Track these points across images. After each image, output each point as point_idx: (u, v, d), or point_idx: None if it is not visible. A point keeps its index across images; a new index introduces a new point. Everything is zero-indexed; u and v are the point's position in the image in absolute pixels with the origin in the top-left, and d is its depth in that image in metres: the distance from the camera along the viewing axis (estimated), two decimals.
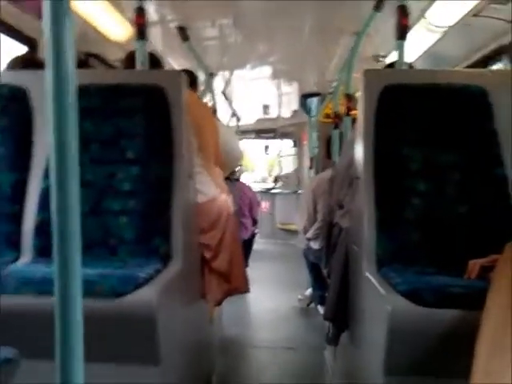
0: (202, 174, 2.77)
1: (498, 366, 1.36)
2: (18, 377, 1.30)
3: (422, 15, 3.86)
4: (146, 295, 1.82)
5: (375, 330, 1.96)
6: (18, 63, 2.83)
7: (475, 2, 3.42)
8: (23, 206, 2.34)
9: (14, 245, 2.29)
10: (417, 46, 4.24)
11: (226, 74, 6.74)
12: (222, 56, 5.76)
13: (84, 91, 2.24)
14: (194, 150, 2.66)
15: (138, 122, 2.38)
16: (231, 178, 6.21)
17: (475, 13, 3.53)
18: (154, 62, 2.89)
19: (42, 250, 2.23)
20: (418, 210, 2.25)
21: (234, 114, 9.04)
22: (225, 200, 2.94)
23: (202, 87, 5.58)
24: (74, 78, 1.05)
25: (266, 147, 13.56)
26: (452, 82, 2.47)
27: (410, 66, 3.10)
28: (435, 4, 3.67)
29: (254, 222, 7.11)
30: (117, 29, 4.16)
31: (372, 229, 2.24)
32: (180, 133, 2.40)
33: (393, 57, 2.86)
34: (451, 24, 3.85)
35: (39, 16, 1.04)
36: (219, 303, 3.02)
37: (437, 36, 4.15)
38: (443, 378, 1.75)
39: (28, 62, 2.79)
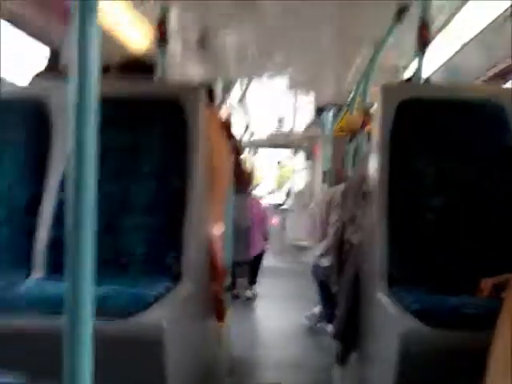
0: None
1: None
2: None
3: (442, 27, 3.83)
4: (155, 316, 1.80)
5: (386, 350, 1.94)
6: (42, 74, 2.82)
7: (495, 16, 3.38)
8: (38, 220, 2.32)
9: (27, 260, 2.27)
10: (436, 58, 4.21)
11: (243, 85, 6.75)
12: (239, 65, 5.78)
13: (102, 102, 2.23)
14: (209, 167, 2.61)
15: (155, 135, 2.38)
16: (245, 193, 6.18)
17: (495, 26, 3.48)
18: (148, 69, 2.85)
19: (55, 266, 2.20)
20: (431, 227, 2.24)
21: (247, 128, 9.04)
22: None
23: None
24: (97, 88, 1.05)
25: (279, 162, 13.59)
26: (469, 97, 2.47)
27: (427, 80, 3.06)
28: (456, 17, 3.64)
29: (265, 238, 7.07)
30: (140, 38, 4.17)
31: (384, 246, 2.22)
32: (196, 148, 2.38)
33: (412, 68, 2.83)
34: (471, 37, 3.82)
35: (65, 23, 1.04)
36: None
37: (456, 49, 4.14)
38: None
39: (51, 73, 2.77)
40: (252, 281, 6.79)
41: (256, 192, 13.62)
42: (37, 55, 3.49)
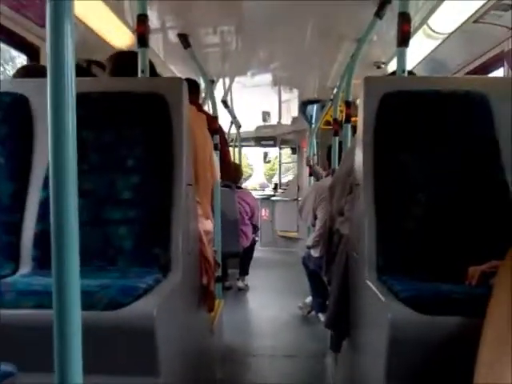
0: None
1: (500, 373, 1.35)
2: None
3: (423, 22, 3.87)
4: (145, 307, 1.78)
5: (376, 337, 1.95)
6: (22, 72, 2.82)
7: (476, 9, 3.43)
8: (22, 216, 2.31)
9: (13, 256, 2.26)
10: (417, 52, 4.25)
11: (227, 81, 6.76)
12: (222, 63, 5.79)
13: (84, 99, 2.22)
14: (193, 159, 2.64)
15: (138, 130, 2.36)
16: (232, 186, 6.23)
17: (476, 19, 3.53)
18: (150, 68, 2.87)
19: (42, 262, 2.21)
20: (418, 217, 2.24)
21: (233, 122, 9.06)
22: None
23: (202, 94, 5.59)
24: (74, 86, 1.05)
25: (266, 154, 13.59)
26: (453, 89, 2.46)
27: (411, 72, 3.09)
28: (437, 11, 3.67)
29: (255, 229, 7.12)
30: (119, 36, 4.18)
31: (372, 236, 2.23)
32: (180, 141, 2.37)
33: (394, 63, 2.85)
34: (452, 30, 3.86)
35: (42, 24, 1.06)
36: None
37: (437, 42, 4.17)
38: None
39: (32, 71, 2.78)
40: (243, 272, 6.85)
41: (247, 185, 13.64)
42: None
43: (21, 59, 3.41)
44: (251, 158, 14.68)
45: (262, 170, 13.98)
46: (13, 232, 2.30)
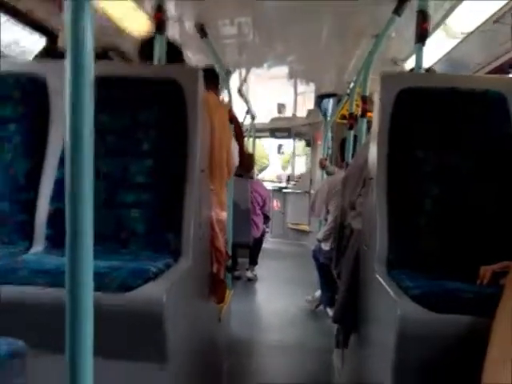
0: None
1: (508, 373, 1.35)
2: (27, 369, 1.30)
3: (442, 20, 3.85)
4: (155, 290, 1.79)
5: (384, 333, 1.95)
6: (41, 54, 2.85)
7: (496, 9, 3.40)
8: (37, 195, 2.34)
9: (27, 234, 2.29)
10: (436, 50, 4.23)
11: (243, 71, 6.75)
12: (239, 54, 5.78)
13: (102, 82, 2.27)
14: (207, 146, 2.65)
15: (153, 115, 2.37)
16: (245, 176, 6.23)
17: (496, 19, 3.51)
18: (175, 52, 2.89)
19: (55, 240, 2.23)
20: (431, 213, 2.24)
21: (248, 112, 9.06)
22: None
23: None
24: (92, 68, 1.06)
25: (280, 146, 13.57)
26: (470, 87, 2.45)
27: (430, 69, 3.08)
28: (456, 9, 3.66)
29: (266, 220, 7.13)
30: (136, 23, 4.17)
31: (384, 231, 2.23)
32: (195, 128, 2.38)
33: (412, 61, 2.85)
34: (472, 30, 3.84)
35: (60, 8, 1.07)
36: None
37: (456, 41, 4.14)
38: None
39: (50, 52, 2.81)
40: (253, 262, 6.86)
41: (264, 175, 13.61)
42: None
43: (27, 41, 3.41)
44: (268, 149, 14.57)
45: (279, 161, 13.80)
46: (27, 210, 2.32)
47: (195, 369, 2.41)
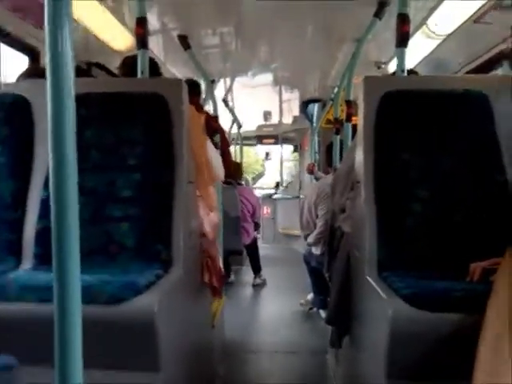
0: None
1: (499, 369, 1.36)
2: (18, 383, 1.31)
3: (422, 22, 3.88)
4: (146, 301, 1.80)
5: (377, 333, 1.97)
6: (24, 74, 2.85)
7: (476, 9, 3.45)
8: (24, 213, 2.34)
9: (15, 252, 2.29)
10: (417, 52, 4.27)
11: (227, 81, 6.77)
12: (223, 63, 5.81)
13: (85, 99, 2.25)
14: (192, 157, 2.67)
15: (138, 129, 2.38)
16: (234, 184, 6.25)
17: (476, 19, 3.55)
18: (152, 65, 2.91)
19: (43, 258, 2.22)
20: (419, 214, 2.26)
21: (235, 121, 9.08)
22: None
23: (203, 95, 5.62)
24: (73, 86, 1.07)
25: (267, 154, 13.59)
26: (452, 88, 2.47)
27: (412, 71, 3.11)
28: (436, 11, 3.70)
29: (256, 226, 7.15)
30: (118, 38, 4.20)
31: (373, 233, 2.25)
32: (180, 140, 2.40)
33: (394, 63, 2.87)
34: (452, 31, 3.88)
35: (40, 26, 1.09)
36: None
37: (437, 42, 4.18)
38: (445, 382, 1.75)
39: (33, 73, 2.82)
40: (256, 269, 6.85)
41: (262, 183, 13.58)
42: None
43: None
44: (262, 155, 14.44)
45: (277, 168, 13.58)
46: (14, 229, 2.33)
47: (189, 377, 2.41)
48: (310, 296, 5.25)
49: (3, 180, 2.36)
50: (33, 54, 3.52)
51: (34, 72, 2.87)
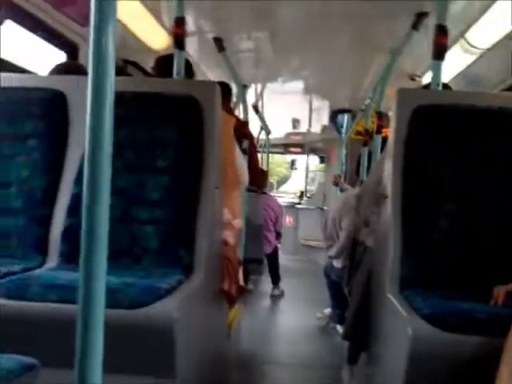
0: None
1: None
2: None
3: (460, 36, 3.82)
4: (166, 307, 1.80)
5: (395, 352, 1.94)
6: (61, 70, 2.85)
7: None
8: (53, 210, 2.35)
9: (42, 249, 2.30)
10: (453, 66, 4.20)
11: (258, 86, 6.77)
12: (255, 68, 5.80)
13: (120, 98, 2.27)
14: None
15: (170, 131, 2.38)
16: (257, 191, 6.22)
17: None
18: (186, 67, 2.90)
19: (68, 256, 2.23)
20: (446, 232, 2.23)
21: (263, 127, 9.06)
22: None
23: (234, 99, 5.61)
24: (114, 85, 1.08)
25: (293, 162, 13.54)
26: (486, 104, 2.45)
27: (446, 85, 3.06)
28: (474, 25, 3.63)
29: (278, 236, 7.10)
30: (155, 37, 4.22)
31: (397, 249, 2.22)
32: (211, 144, 2.40)
33: (429, 76, 2.82)
34: (490, 46, 3.81)
35: (82, 23, 1.07)
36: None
37: (474, 57, 4.12)
38: None
39: (70, 69, 2.82)
40: (275, 280, 6.79)
41: (287, 189, 13.51)
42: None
43: None
44: (289, 159, 14.40)
45: (302, 175, 13.46)
46: (43, 225, 2.33)
47: None
48: (328, 310, 5.19)
49: (36, 176, 2.38)
50: (70, 50, 3.53)
51: (72, 68, 2.87)
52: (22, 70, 3.09)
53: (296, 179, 15.41)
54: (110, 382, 1.19)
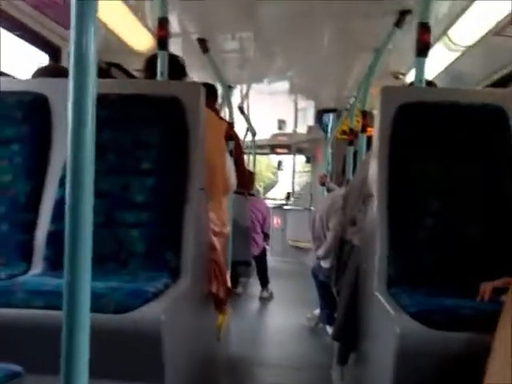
0: None
1: None
2: None
3: (443, 33, 3.84)
4: (153, 311, 1.79)
5: (383, 350, 1.94)
6: (43, 72, 2.83)
7: (497, 21, 3.40)
8: (37, 215, 2.33)
9: (26, 255, 2.28)
10: (436, 63, 4.22)
11: (243, 87, 6.76)
12: (240, 69, 5.81)
13: (103, 100, 2.25)
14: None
15: (154, 132, 2.37)
16: (244, 193, 6.21)
17: (496, 32, 3.50)
18: (179, 67, 2.89)
19: (53, 262, 2.21)
20: (431, 229, 2.24)
21: (249, 129, 9.06)
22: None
23: (219, 100, 5.60)
24: (95, 86, 1.07)
25: (280, 163, 13.56)
26: (470, 101, 2.46)
27: (431, 82, 3.06)
28: (457, 22, 3.65)
29: (266, 237, 7.09)
30: (138, 39, 4.21)
31: (384, 248, 2.22)
32: (196, 146, 2.39)
33: (412, 74, 2.83)
34: (472, 43, 3.84)
35: (64, 25, 1.06)
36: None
37: (457, 54, 4.14)
38: None
39: (53, 72, 2.79)
40: (264, 282, 6.77)
41: (275, 195, 13.54)
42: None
43: None
44: (275, 163, 14.38)
45: (289, 179, 13.40)
46: (27, 231, 2.31)
47: None
48: (317, 311, 5.18)
49: (19, 181, 2.35)
50: (53, 52, 3.52)
51: (55, 70, 2.84)
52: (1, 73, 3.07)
53: (283, 183, 15.37)
54: None
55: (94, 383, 1.14)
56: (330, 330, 4.48)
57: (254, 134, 9.55)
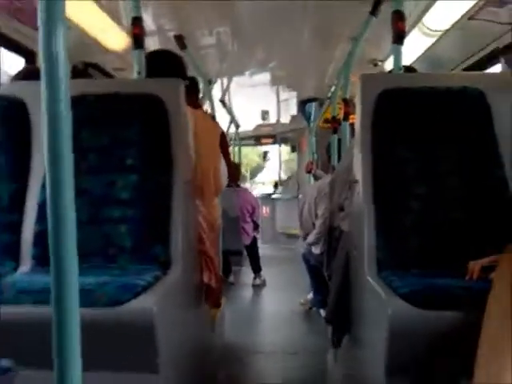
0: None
1: (499, 367, 1.37)
2: None
3: (418, 19, 3.88)
4: (145, 303, 1.80)
5: (376, 332, 1.97)
6: (20, 76, 2.84)
7: (470, 5, 3.45)
8: (22, 216, 2.34)
9: (13, 254, 2.29)
10: (413, 49, 4.26)
11: (225, 81, 6.77)
12: (220, 63, 5.80)
13: (81, 100, 2.24)
14: (193, 157, 2.66)
15: (135, 130, 2.38)
16: (232, 185, 6.24)
17: (471, 16, 3.55)
18: (182, 67, 2.91)
19: (41, 260, 2.21)
20: (417, 212, 2.25)
21: (232, 121, 9.07)
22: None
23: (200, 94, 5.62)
24: (68, 87, 1.06)
25: (265, 153, 13.57)
26: (449, 85, 2.47)
27: (411, 68, 3.10)
28: (431, 8, 3.69)
29: (256, 227, 7.15)
30: (113, 38, 4.19)
31: (371, 232, 2.24)
32: (178, 140, 2.40)
33: (391, 61, 2.86)
34: (447, 27, 3.88)
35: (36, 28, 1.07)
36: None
37: (433, 39, 4.18)
38: (444, 380, 1.76)
39: (30, 74, 2.80)
40: (256, 270, 6.84)
41: (264, 180, 13.46)
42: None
43: None
44: (264, 148, 14.28)
45: (276, 165, 13.21)
46: (13, 231, 2.32)
47: (188, 378, 2.40)
48: (310, 295, 5.23)
49: (3, 183, 2.35)
50: (28, 56, 3.52)
51: (31, 73, 2.85)
52: None
53: (271, 167, 15.27)
54: (92, 381, 1.20)
55: (90, 376, 1.15)
56: (323, 313, 4.53)
57: (237, 127, 9.56)
